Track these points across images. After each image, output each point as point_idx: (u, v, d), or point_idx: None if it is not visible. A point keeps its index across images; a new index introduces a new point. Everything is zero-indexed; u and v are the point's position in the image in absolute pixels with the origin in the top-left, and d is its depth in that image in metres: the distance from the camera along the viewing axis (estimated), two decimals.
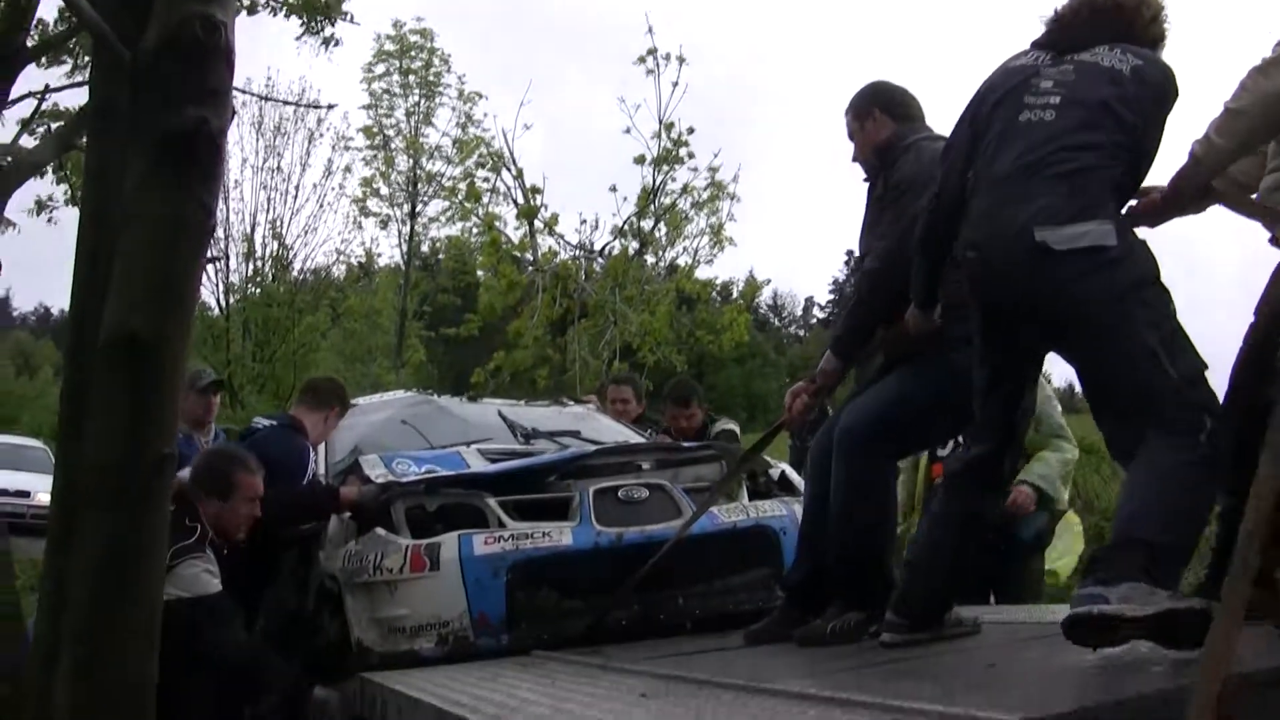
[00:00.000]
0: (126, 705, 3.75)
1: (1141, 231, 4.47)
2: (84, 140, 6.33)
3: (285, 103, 15.92)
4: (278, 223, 26.80)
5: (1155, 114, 4.41)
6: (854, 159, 5.77)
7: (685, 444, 8.10)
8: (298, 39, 10.56)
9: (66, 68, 10.23)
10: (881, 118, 5.64)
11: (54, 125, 9.32)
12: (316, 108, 18.40)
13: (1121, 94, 4.35)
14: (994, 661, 4.23)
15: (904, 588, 4.99)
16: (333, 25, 12.94)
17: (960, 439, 5.52)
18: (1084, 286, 4.18)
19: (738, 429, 9.59)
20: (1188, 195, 4.54)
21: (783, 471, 7.68)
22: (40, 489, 19.72)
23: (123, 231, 3.82)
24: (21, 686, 4.69)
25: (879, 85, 5.77)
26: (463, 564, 6.27)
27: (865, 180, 5.78)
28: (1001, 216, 4.36)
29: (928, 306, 5.12)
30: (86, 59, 8.53)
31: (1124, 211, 4.44)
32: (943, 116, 5.63)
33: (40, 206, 13.84)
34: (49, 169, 10.31)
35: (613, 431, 9.07)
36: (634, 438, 8.81)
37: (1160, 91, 4.43)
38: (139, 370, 3.71)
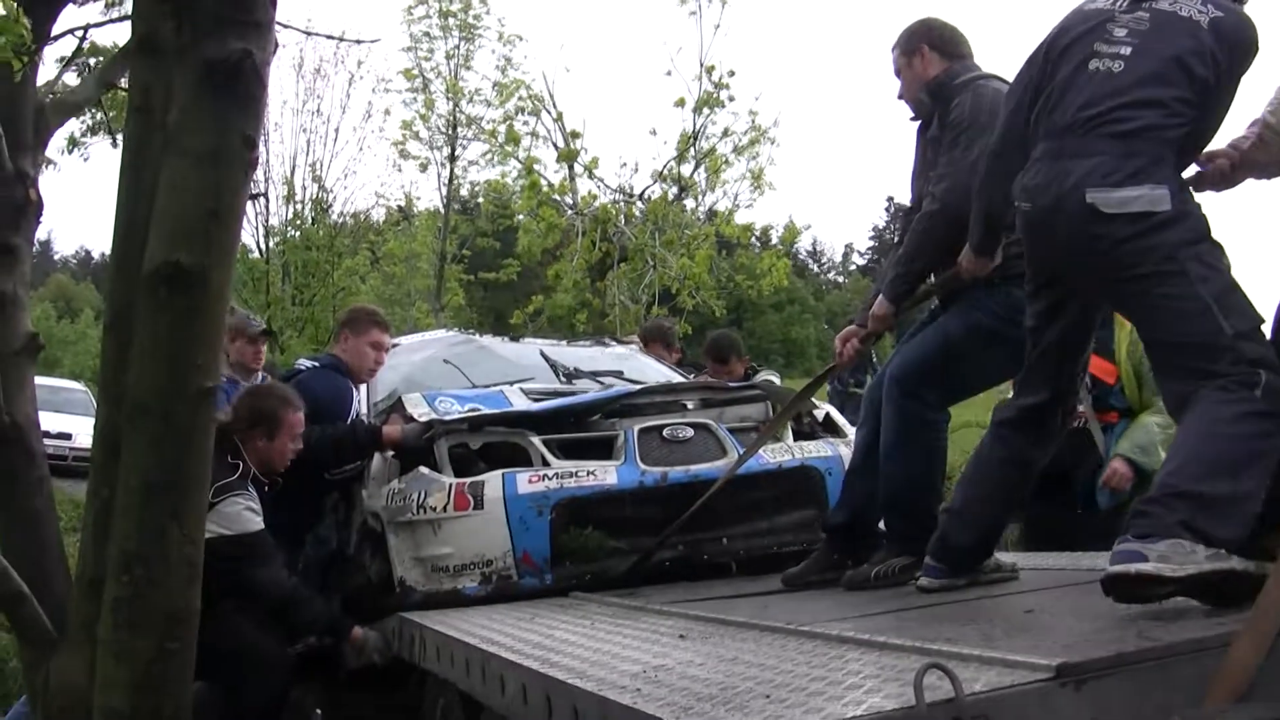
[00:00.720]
0: (169, 634, 3.78)
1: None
2: (125, 77, 6.30)
3: (328, 36, 15.96)
4: (317, 165, 26.83)
5: (1231, 71, 4.27)
6: (900, 97, 5.69)
7: (730, 383, 7.98)
8: None
9: (101, 4, 10.24)
10: (930, 55, 5.54)
11: (94, 62, 9.30)
12: (358, 43, 18.39)
13: (1197, 47, 4.20)
14: (1032, 608, 4.22)
15: (943, 533, 4.95)
16: None
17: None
18: (1133, 248, 4.11)
19: (778, 381, 9.42)
20: (1260, 164, 4.48)
21: (827, 413, 7.64)
22: (82, 432, 19.74)
23: (166, 163, 3.83)
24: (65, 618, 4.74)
25: (928, 21, 5.65)
26: (507, 502, 6.28)
27: (914, 119, 5.73)
28: (1055, 170, 4.27)
29: (985, 252, 5.03)
30: None
31: (1189, 175, 4.39)
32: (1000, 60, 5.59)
33: (73, 143, 13.87)
34: (85, 110, 10.34)
35: (656, 372, 9.03)
36: (677, 378, 8.68)
37: (1239, 48, 4.27)
38: (182, 300, 3.73)
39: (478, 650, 4.74)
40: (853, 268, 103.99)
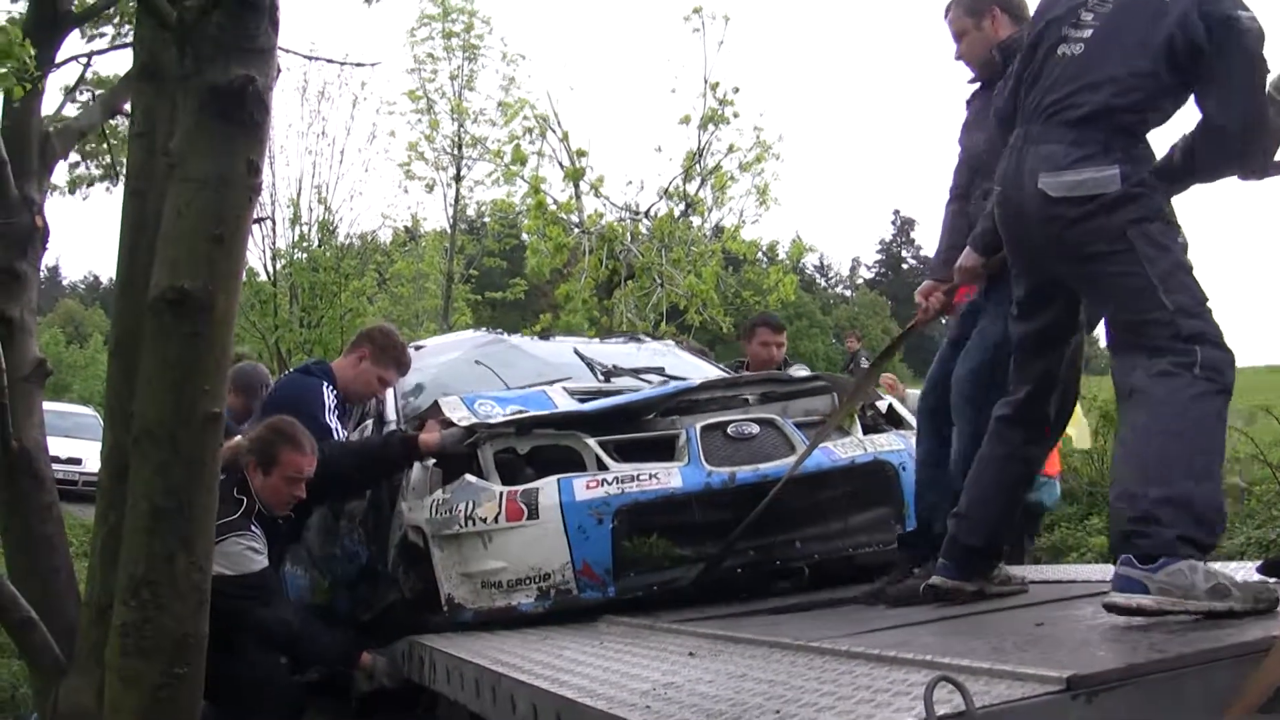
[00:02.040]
0: (177, 659, 3.78)
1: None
2: (128, 103, 6.33)
3: (329, 60, 15.93)
4: (323, 187, 26.88)
5: (1203, 49, 4.17)
6: (959, 57, 5.62)
7: (793, 375, 7.56)
8: None
9: (109, 36, 10.28)
10: (1001, 16, 5.47)
11: (97, 92, 9.34)
12: (359, 65, 18.37)
13: (1163, 25, 4.18)
14: (1041, 621, 4.20)
15: (952, 534, 4.94)
16: None
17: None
18: (1084, 229, 4.20)
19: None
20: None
21: (890, 404, 7.24)
22: (91, 456, 19.82)
23: (170, 189, 3.83)
24: (74, 644, 4.75)
25: None
26: (564, 510, 5.90)
27: (974, 81, 5.67)
28: (1019, 158, 4.38)
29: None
30: (128, 26, 8.55)
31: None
32: None
33: (74, 185, 13.93)
34: (83, 145, 10.39)
35: (696, 367, 8.62)
36: (720, 374, 8.27)
37: (1215, 26, 4.16)
38: (188, 326, 3.73)
39: (488, 671, 4.74)
40: (860, 281, 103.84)
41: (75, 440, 22.19)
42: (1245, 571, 4.58)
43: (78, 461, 21.33)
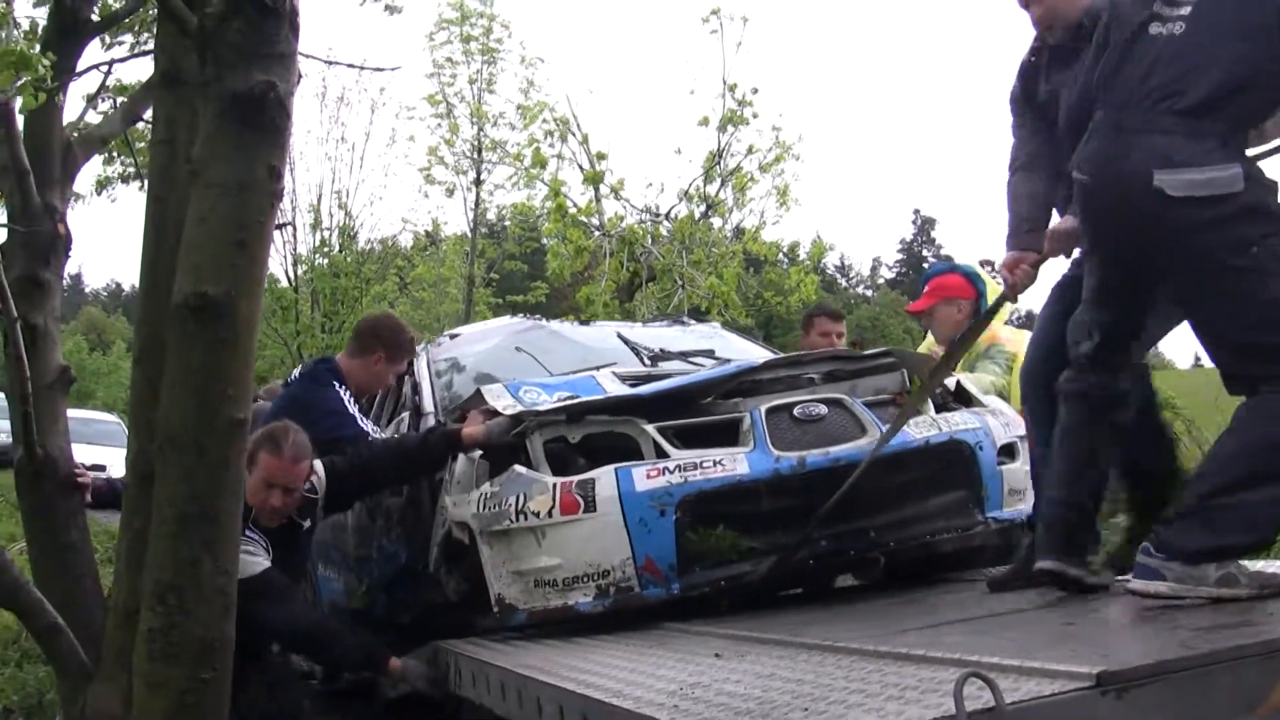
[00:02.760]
0: (204, 664, 3.79)
1: None
2: (149, 111, 6.35)
3: (349, 65, 15.95)
4: (343, 193, 26.95)
5: None
6: (1042, 20, 5.23)
7: (860, 352, 6.96)
8: (359, 5, 10.52)
9: (127, 44, 10.30)
10: None
11: (118, 100, 9.35)
12: (378, 70, 18.36)
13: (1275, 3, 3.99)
14: (1071, 620, 4.18)
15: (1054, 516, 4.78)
16: None
17: None
18: (1207, 238, 3.99)
19: None
20: None
21: (958, 382, 6.69)
22: (116, 463, 19.77)
23: (193, 195, 3.85)
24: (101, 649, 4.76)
25: None
26: (623, 502, 5.48)
27: (1053, 43, 5.27)
28: (1117, 145, 4.16)
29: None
30: (148, 34, 8.56)
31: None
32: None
33: (100, 186, 13.96)
34: (109, 150, 10.39)
35: (747, 350, 8.21)
36: (771, 355, 7.68)
37: None
38: (211, 332, 3.74)
39: (513, 674, 4.73)
40: (880, 281, 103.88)
41: (99, 447, 22.22)
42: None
43: (102, 468, 21.24)
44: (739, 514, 5.66)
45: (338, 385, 6.95)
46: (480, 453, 6.15)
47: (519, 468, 5.76)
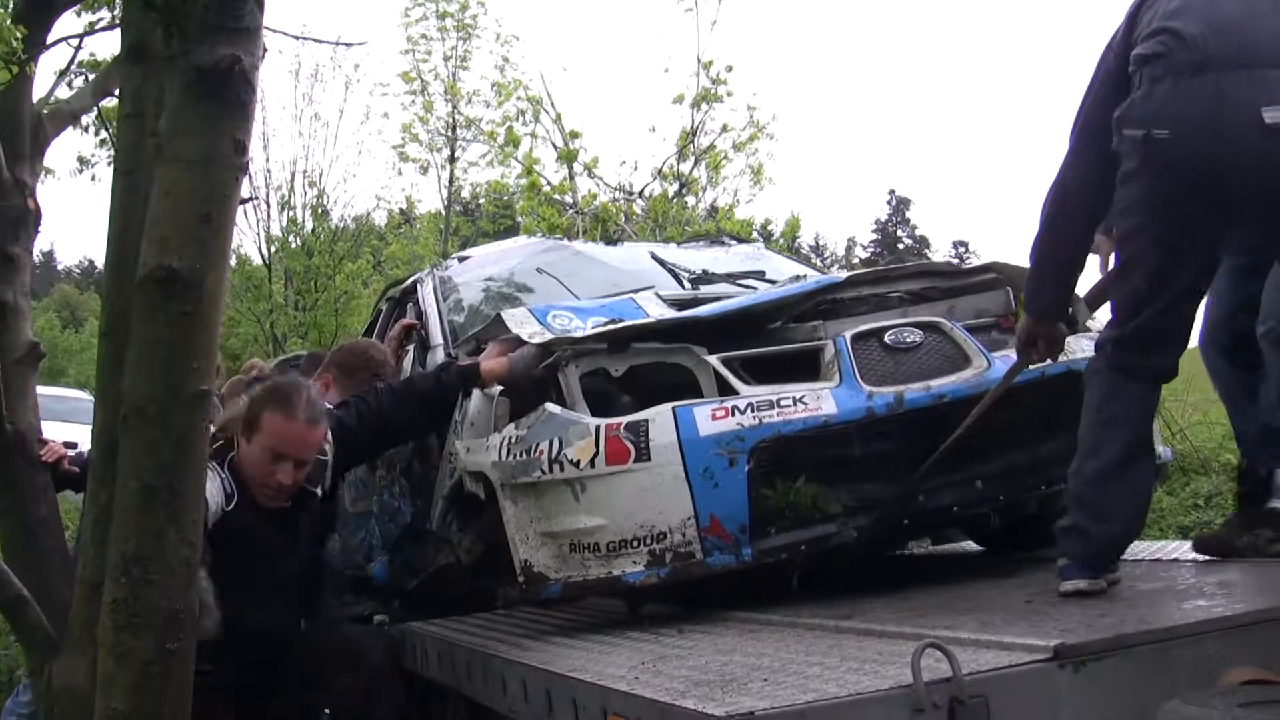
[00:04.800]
0: (169, 635, 3.79)
1: None
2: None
3: (318, 41, 15.93)
4: (312, 170, 26.91)
5: None
6: None
7: (959, 265, 5.94)
8: None
9: (106, 20, 10.27)
10: None
11: (90, 75, 9.33)
12: (348, 45, 18.28)
13: None
14: (1031, 598, 4.21)
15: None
16: None
17: None
18: None
19: None
20: None
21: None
22: (87, 441, 19.74)
23: (158, 170, 3.84)
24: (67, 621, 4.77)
25: None
26: (684, 448, 4.59)
27: None
28: (1203, 87, 3.91)
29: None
30: (120, 5, 8.55)
31: None
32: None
33: (82, 163, 13.92)
34: (88, 126, 10.36)
35: (800, 273, 7.14)
36: (820, 276, 6.40)
37: None
38: (177, 305, 3.73)
39: (478, 653, 4.74)
40: (856, 260, 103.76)
41: (71, 425, 22.11)
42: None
43: (73, 446, 21.24)
44: (824, 463, 4.78)
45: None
46: (499, 389, 5.32)
47: (552, 407, 4.89)
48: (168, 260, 3.73)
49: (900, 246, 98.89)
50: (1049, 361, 4.72)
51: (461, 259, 7.66)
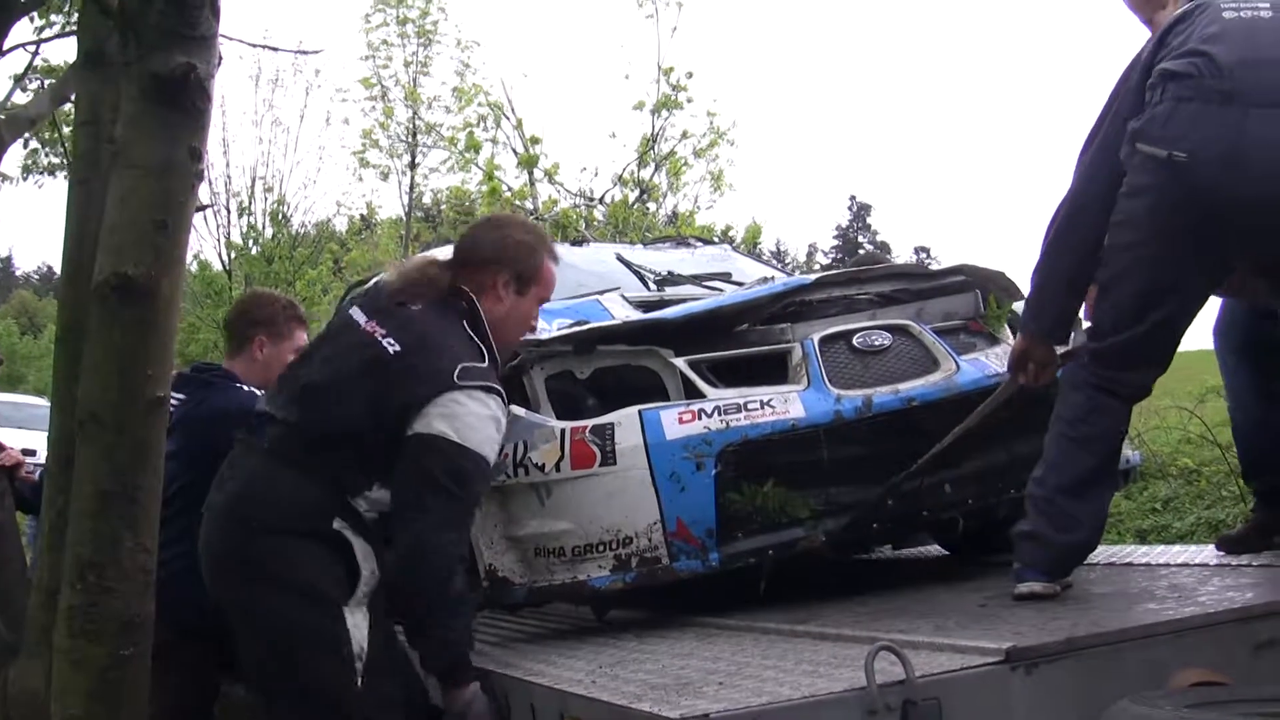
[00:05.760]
0: (124, 641, 3.80)
1: None
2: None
3: (273, 49, 15.91)
4: (270, 176, 26.83)
5: None
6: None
7: (929, 269, 5.93)
8: None
9: (59, 25, 10.27)
10: None
11: (47, 81, 9.32)
12: (304, 53, 18.20)
13: None
14: (985, 601, 4.22)
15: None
16: None
17: None
18: None
19: None
20: None
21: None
22: (45, 448, 19.63)
23: (114, 176, 3.85)
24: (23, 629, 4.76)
25: None
26: (650, 451, 4.52)
27: None
28: (1225, 115, 3.89)
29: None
30: (77, 13, 8.53)
31: None
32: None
33: (26, 170, 13.89)
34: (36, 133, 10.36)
35: (765, 274, 6.82)
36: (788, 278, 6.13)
37: None
38: (132, 312, 3.74)
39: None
40: (817, 266, 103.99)
41: (30, 432, 21.99)
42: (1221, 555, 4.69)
43: (32, 453, 21.08)
44: (792, 467, 4.69)
45: (241, 385, 5.20)
46: None
47: (517, 410, 4.66)
48: (123, 267, 3.74)
49: (861, 252, 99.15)
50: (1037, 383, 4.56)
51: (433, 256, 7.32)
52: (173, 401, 4.44)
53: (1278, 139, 3.81)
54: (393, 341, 3.91)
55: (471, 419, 3.78)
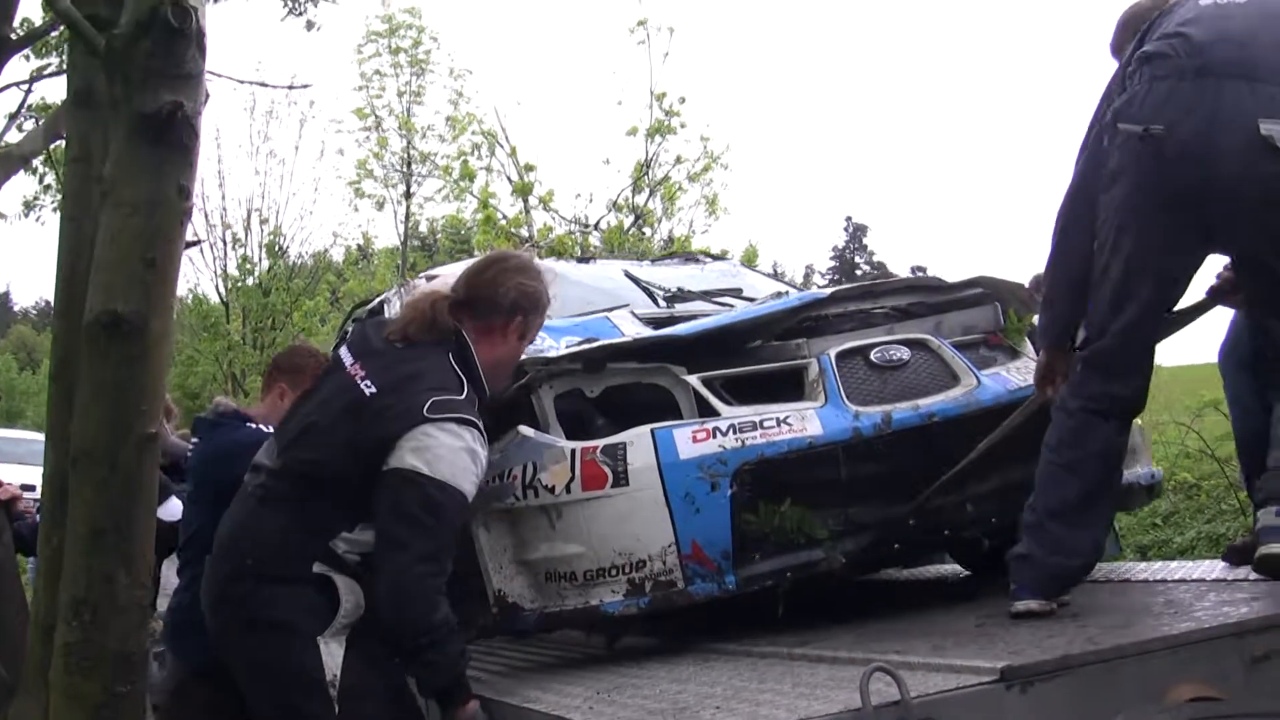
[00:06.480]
0: (119, 678, 3.80)
1: None
2: None
3: (260, 84, 15.90)
4: (265, 208, 26.85)
5: None
6: None
7: (946, 281, 5.64)
8: (281, 20, 10.52)
9: (55, 64, 10.29)
10: None
11: (41, 119, 9.36)
12: (290, 88, 18.14)
13: None
14: (983, 621, 4.20)
15: None
16: (314, 6, 12.81)
17: None
18: None
19: None
20: None
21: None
22: None
23: (103, 214, 3.87)
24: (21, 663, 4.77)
25: None
26: (663, 472, 4.38)
27: None
28: (1202, 91, 3.90)
29: None
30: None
31: None
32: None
33: (28, 206, 13.92)
34: (35, 166, 10.39)
35: (774, 289, 6.88)
36: (801, 293, 6.20)
37: None
38: (122, 349, 3.75)
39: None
40: (814, 288, 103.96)
41: (29, 467, 21.95)
42: (1219, 570, 4.67)
43: (31, 488, 21.04)
44: (810, 485, 4.57)
45: (249, 424, 5.20)
46: None
47: (525, 430, 4.66)
48: (113, 305, 3.75)
49: (858, 273, 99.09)
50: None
51: (429, 278, 6.98)
52: (188, 447, 4.50)
53: (1251, 109, 3.83)
54: (370, 384, 3.96)
55: (443, 450, 3.79)
